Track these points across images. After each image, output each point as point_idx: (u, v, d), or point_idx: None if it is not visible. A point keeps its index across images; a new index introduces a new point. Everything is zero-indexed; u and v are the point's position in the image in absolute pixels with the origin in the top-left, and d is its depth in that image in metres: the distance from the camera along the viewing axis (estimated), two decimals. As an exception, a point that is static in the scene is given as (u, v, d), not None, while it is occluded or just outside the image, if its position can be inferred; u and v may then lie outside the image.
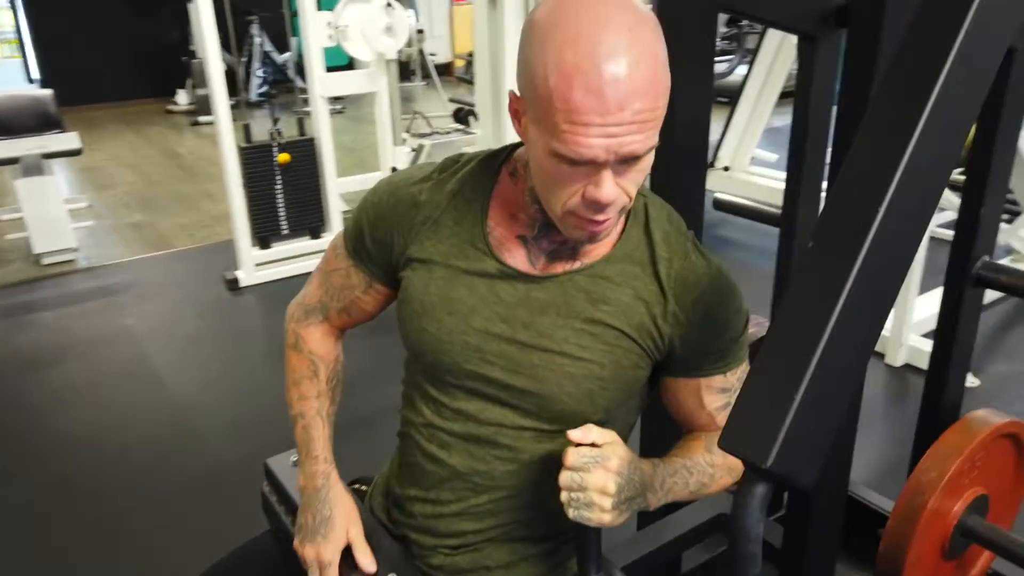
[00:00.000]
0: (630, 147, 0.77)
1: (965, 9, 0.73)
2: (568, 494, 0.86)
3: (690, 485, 0.96)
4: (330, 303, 1.12)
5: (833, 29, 1.51)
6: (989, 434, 1.47)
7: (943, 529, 1.48)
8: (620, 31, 0.75)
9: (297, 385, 1.14)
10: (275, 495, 1.23)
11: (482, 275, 0.96)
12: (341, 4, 3.65)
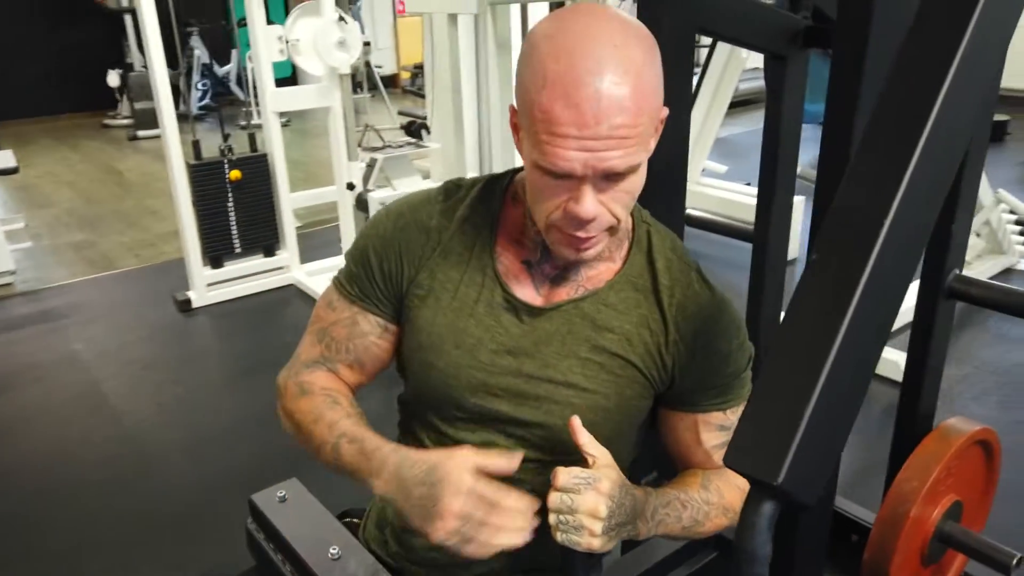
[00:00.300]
0: (608, 163, 0.77)
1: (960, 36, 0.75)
2: (557, 516, 0.82)
3: (683, 520, 0.93)
4: (335, 358, 1.03)
5: (801, 49, 1.55)
6: (964, 442, 1.51)
7: (923, 536, 1.51)
8: (606, 47, 0.75)
9: (319, 421, 0.97)
10: (262, 532, 1.18)
11: (489, 305, 0.95)
12: (291, 18, 3.59)
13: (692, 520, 0.94)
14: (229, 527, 1.49)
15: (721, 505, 0.96)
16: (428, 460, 0.85)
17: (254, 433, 2.62)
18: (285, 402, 1.04)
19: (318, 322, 1.05)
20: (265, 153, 3.63)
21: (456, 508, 0.80)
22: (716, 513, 0.96)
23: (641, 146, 0.80)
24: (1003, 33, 0.76)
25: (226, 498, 2.26)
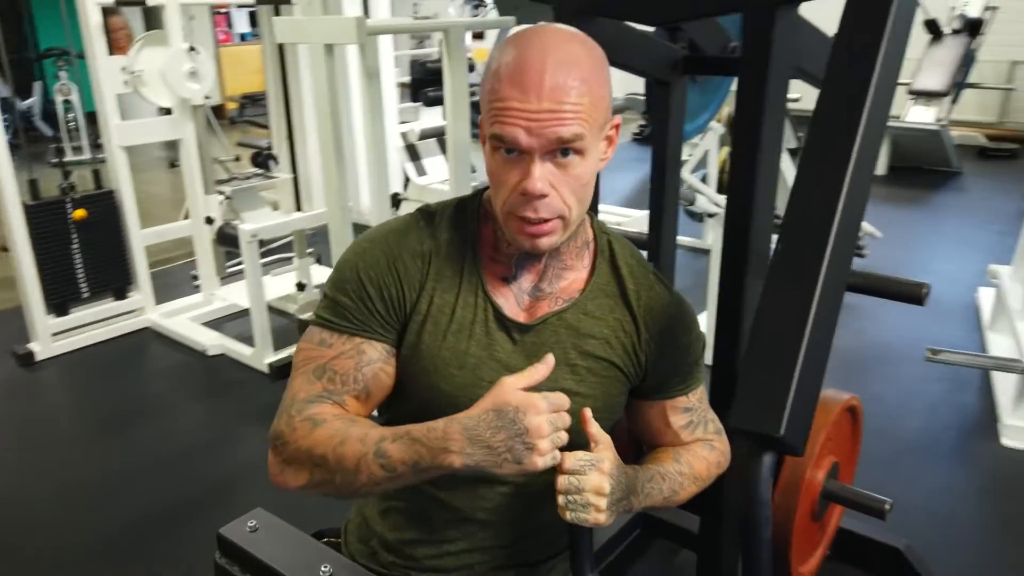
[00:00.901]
0: (549, 131, 0.86)
1: (871, 70, 0.93)
2: (565, 497, 0.89)
3: (664, 491, 1.04)
4: (341, 390, 0.99)
5: (681, 75, 1.74)
6: (839, 409, 1.75)
7: (814, 495, 1.73)
8: (550, 43, 0.88)
9: (346, 442, 0.92)
10: (236, 564, 1.17)
11: (484, 325, 1.00)
12: (135, 49, 3.43)
13: (671, 491, 1.05)
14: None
15: (692, 475, 1.08)
16: (485, 408, 0.85)
17: (126, 490, 2.47)
18: (296, 443, 0.95)
19: (311, 361, 1.01)
20: (112, 189, 3.42)
21: (544, 429, 0.84)
22: (688, 483, 1.08)
23: (585, 128, 0.88)
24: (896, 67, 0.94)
25: (99, 561, 2.14)
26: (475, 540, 1.06)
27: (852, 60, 0.91)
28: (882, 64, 0.90)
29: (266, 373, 3.13)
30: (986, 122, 7.89)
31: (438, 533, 1.06)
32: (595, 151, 0.92)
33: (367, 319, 1.00)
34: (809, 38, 1.43)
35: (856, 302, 3.72)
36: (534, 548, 1.10)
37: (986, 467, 2.49)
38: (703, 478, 1.10)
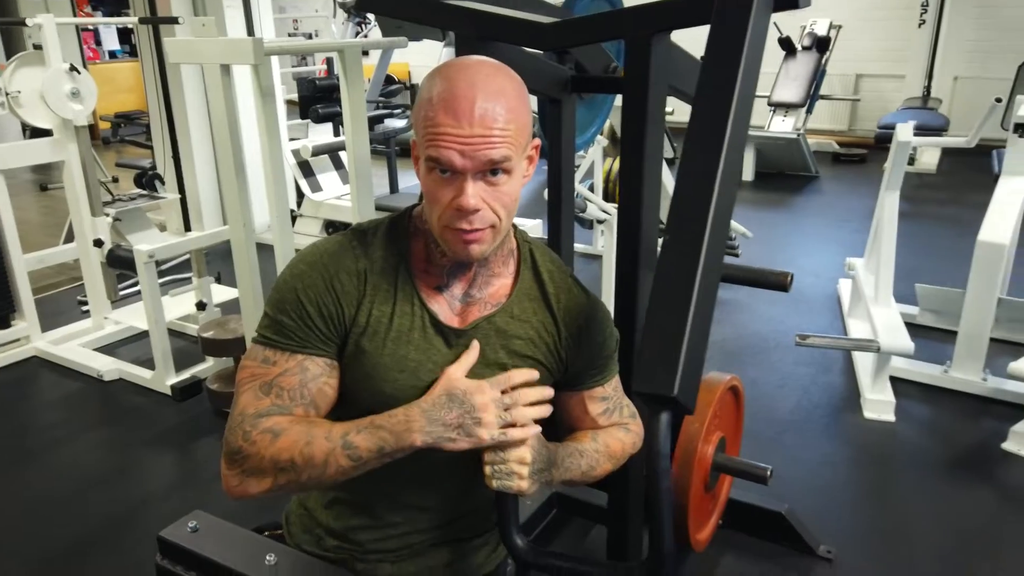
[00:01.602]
0: (480, 154, 0.97)
1: (732, 89, 1.11)
2: (492, 467, 1.02)
3: (582, 466, 1.14)
4: (288, 405, 1.05)
5: (570, 93, 1.90)
6: (722, 389, 1.96)
7: (705, 467, 1.92)
8: (479, 75, 0.99)
9: (312, 442, 1.00)
10: (180, 564, 1.22)
11: (422, 331, 1.09)
12: (10, 70, 3.31)
13: (588, 467, 1.15)
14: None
15: (607, 453, 1.19)
16: (438, 394, 1.02)
17: (26, 528, 2.40)
18: (258, 455, 1.01)
19: (256, 379, 1.06)
20: (-10, 215, 3.28)
21: (490, 407, 1.01)
22: (604, 459, 1.18)
23: (511, 151, 0.98)
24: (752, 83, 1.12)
25: None
26: (415, 523, 1.16)
27: (716, 81, 1.09)
28: (741, 82, 1.08)
29: (168, 395, 3.08)
30: (837, 130, 8.62)
31: (382, 519, 1.15)
32: (520, 169, 1.04)
33: (308, 337, 1.06)
34: (681, 60, 1.62)
35: (733, 297, 4.04)
36: (467, 527, 1.22)
37: (852, 438, 2.79)
38: (618, 456, 1.21)
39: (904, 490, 2.48)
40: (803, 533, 2.18)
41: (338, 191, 5.04)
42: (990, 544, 2.22)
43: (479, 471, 1.05)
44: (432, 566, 1.19)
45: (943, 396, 3.03)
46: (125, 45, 10.47)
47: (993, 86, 5.63)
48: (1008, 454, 2.63)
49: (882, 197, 3.28)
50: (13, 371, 3.38)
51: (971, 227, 2.97)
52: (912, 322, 3.47)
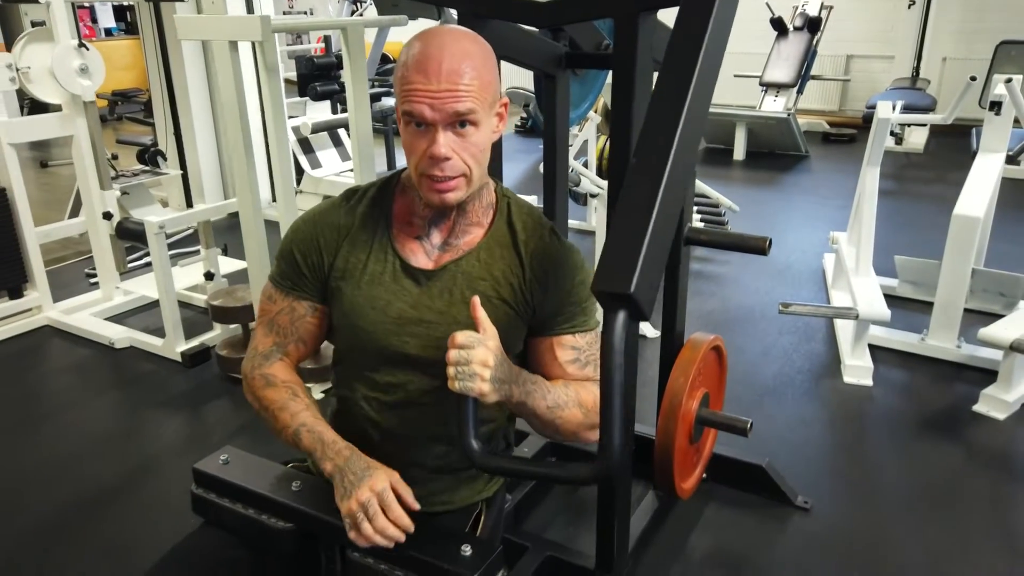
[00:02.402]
0: (447, 107, 1.10)
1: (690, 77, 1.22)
2: (455, 368, 1.08)
3: (546, 399, 1.19)
4: (285, 341, 1.32)
5: (564, 69, 2.02)
6: (706, 348, 2.09)
7: (690, 420, 2.06)
8: (446, 39, 1.14)
9: (284, 410, 1.26)
10: (212, 492, 1.35)
11: (393, 275, 1.25)
12: (19, 46, 3.40)
13: (554, 403, 1.20)
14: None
15: (577, 400, 1.23)
16: (370, 464, 1.18)
17: (50, 482, 2.53)
18: (253, 389, 1.31)
19: (265, 314, 1.33)
20: (3, 188, 3.38)
21: (363, 497, 1.13)
22: (572, 404, 1.22)
23: (476, 104, 1.11)
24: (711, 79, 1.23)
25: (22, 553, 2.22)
26: (410, 453, 1.30)
27: (688, 30, 1.21)
28: (706, 49, 1.19)
29: (178, 362, 3.21)
30: (827, 110, 8.74)
31: (379, 448, 1.27)
32: (487, 124, 1.16)
33: (296, 281, 1.29)
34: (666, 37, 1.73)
35: (721, 271, 4.18)
36: (461, 459, 1.31)
37: (830, 401, 2.93)
38: (589, 408, 1.24)
39: (878, 447, 2.63)
40: (782, 485, 2.33)
41: (337, 168, 5.14)
42: (956, 495, 2.37)
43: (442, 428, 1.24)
44: (432, 491, 1.32)
45: (919, 363, 3.18)
46: (120, 23, 10.48)
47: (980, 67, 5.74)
48: (978, 415, 2.78)
49: (863, 172, 3.41)
50: (26, 339, 3.50)
51: (953, 204, 3.10)
52: (892, 294, 3.62)
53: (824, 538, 2.18)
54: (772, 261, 4.36)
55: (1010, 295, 3.39)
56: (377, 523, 1.12)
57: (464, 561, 1.13)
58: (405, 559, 1.16)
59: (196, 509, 1.38)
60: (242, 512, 1.31)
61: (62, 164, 7.07)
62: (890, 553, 2.12)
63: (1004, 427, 2.72)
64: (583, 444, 1.35)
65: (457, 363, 1.09)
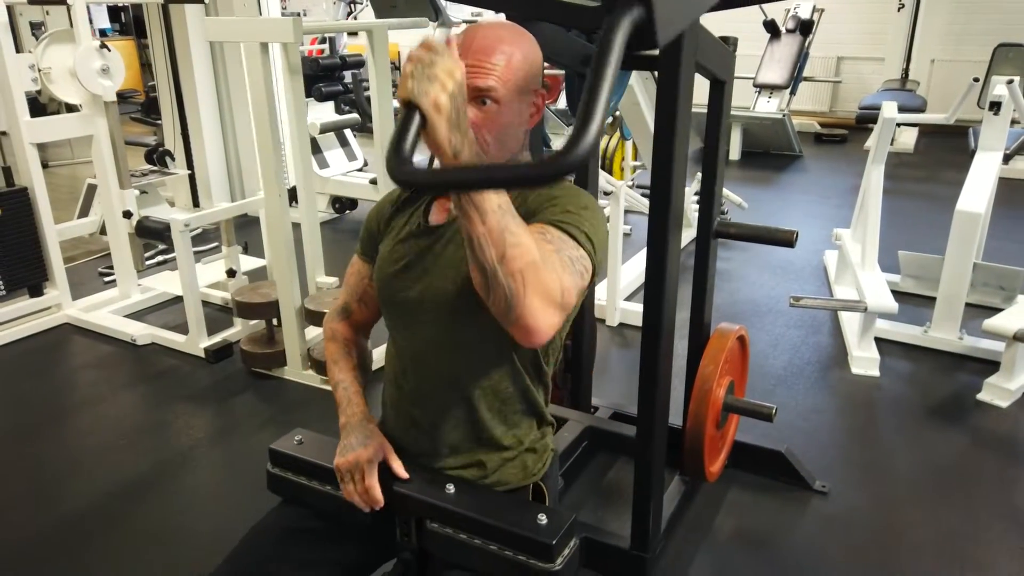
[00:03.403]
0: (471, 80, 1.16)
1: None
2: (414, 67, 0.92)
3: (495, 208, 0.96)
4: (351, 300, 1.48)
5: (597, 69, 2.10)
6: (732, 337, 2.18)
7: (717, 407, 2.15)
8: (491, 27, 1.23)
9: (336, 364, 1.45)
10: (288, 470, 1.42)
11: (412, 231, 1.33)
12: (41, 47, 3.44)
13: (506, 223, 0.97)
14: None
15: (530, 244, 1.00)
16: (372, 431, 1.33)
17: (79, 474, 2.58)
18: (325, 339, 1.51)
19: (347, 276, 1.49)
20: (25, 187, 3.42)
21: (351, 460, 1.29)
22: (525, 240, 0.99)
23: (498, 84, 1.16)
24: None
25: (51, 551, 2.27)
26: (436, 440, 1.35)
27: None
28: None
29: (201, 357, 3.26)
30: (819, 111, 8.89)
31: (409, 433, 1.37)
32: (513, 107, 1.21)
33: (366, 248, 1.44)
34: (706, 40, 1.83)
35: (727, 267, 4.28)
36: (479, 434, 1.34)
37: (840, 391, 3.04)
38: (538, 262, 1.01)
39: (889, 434, 2.74)
40: (800, 470, 2.42)
41: (344, 168, 5.20)
42: (965, 478, 2.47)
43: (481, 403, 1.30)
44: (471, 462, 1.36)
45: (923, 354, 3.29)
46: (115, 23, 10.46)
47: (968, 68, 5.89)
48: (982, 403, 2.90)
49: (868, 170, 3.52)
50: (47, 336, 3.54)
51: (946, 202, 3.22)
52: (895, 289, 3.73)
53: (843, 520, 2.28)
54: (774, 257, 4.47)
55: (1009, 288, 3.51)
56: (348, 488, 1.29)
57: (542, 529, 1.21)
58: (483, 527, 1.24)
59: (272, 487, 1.45)
60: (319, 488, 1.38)
61: (63, 164, 7.07)
62: (906, 533, 2.22)
63: (1008, 414, 2.83)
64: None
65: (420, 62, 0.92)
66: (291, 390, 3.05)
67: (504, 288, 0.98)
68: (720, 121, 2.03)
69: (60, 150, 7.26)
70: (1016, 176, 6.12)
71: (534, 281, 0.99)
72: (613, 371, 3.22)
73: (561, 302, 1.05)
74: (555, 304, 1.03)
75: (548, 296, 1.02)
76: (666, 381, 1.84)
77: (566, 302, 1.06)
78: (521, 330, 1.03)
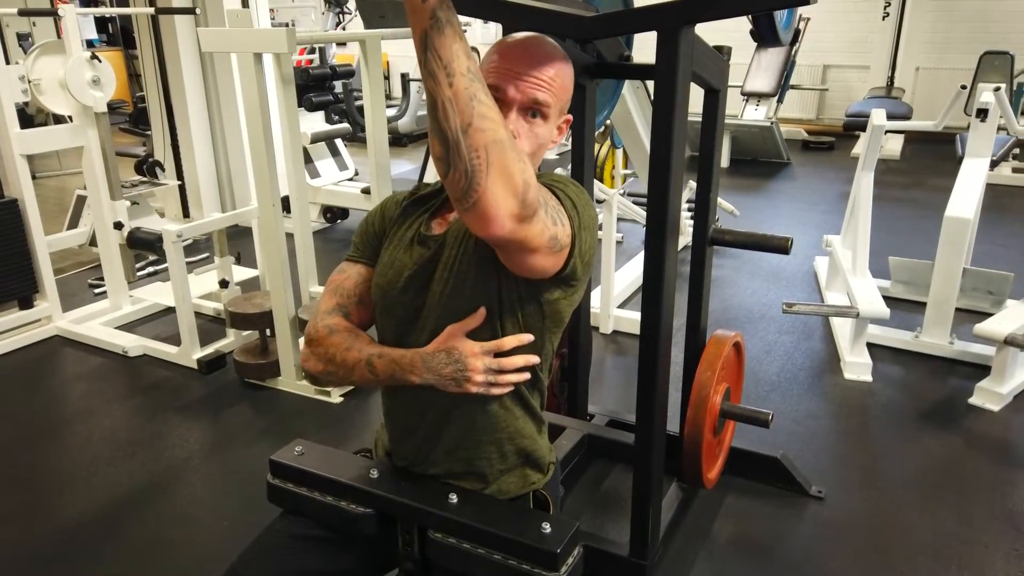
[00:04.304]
0: (531, 91, 1.17)
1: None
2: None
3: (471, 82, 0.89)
4: (347, 303, 1.36)
5: (591, 78, 2.12)
6: (728, 344, 2.19)
7: (714, 414, 2.16)
8: (531, 40, 1.23)
9: (351, 349, 1.28)
10: (288, 482, 1.41)
11: (411, 239, 1.31)
12: (31, 58, 3.43)
13: (482, 101, 0.90)
14: None
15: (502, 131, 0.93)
16: (439, 349, 1.21)
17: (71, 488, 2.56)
18: (318, 342, 1.31)
19: (332, 283, 1.39)
20: (14, 199, 3.40)
21: (479, 367, 1.20)
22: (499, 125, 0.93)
23: (552, 100, 1.18)
24: None
25: None
26: (434, 449, 1.34)
27: None
28: None
29: (193, 368, 3.25)
30: (806, 119, 8.96)
31: (405, 444, 1.36)
32: (551, 124, 1.24)
33: (364, 250, 1.38)
34: (702, 50, 1.84)
35: (718, 274, 4.30)
36: (485, 463, 1.35)
37: (834, 396, 3.05)
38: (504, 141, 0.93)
39: (883, 438, 2.75)
40: (796, 476, 2.43)
41: (335, 177, 5.20)
42: (959, 481, 2.49)
43: (478, 410, 1.28)
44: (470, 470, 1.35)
45: (915, 359, 3.32)
46: (102, 34, 10.43)
47: (952, 76, 5.97)
48: (974, 407, 2.92)
49: (858, 177, 3.55)
50: (37, 349, 3.51)
51: (932, 208, 3.26)
52: (886, 294, 3.75)
53: (840, 524, 2.29)
54: (765, 264, 4.49)
55: (998, 293, 3.55)
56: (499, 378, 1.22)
57: (546, 538, 1.21)
58: (487, 536, 1.24)
59: (272, 498, 1.44)
60: (321, 499, 1.38)
61: (49, 176, 7.03)
62: (902, 536, 2.23)
63: (999, 417, 2.86)
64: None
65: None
66: (285, 401, 3.03)
67: (465, 164, 0.91)
68: (715, 129, 2.05)
69: (48, 161, 7.22)
70: (1003, 182, 6.19)
71: (498, 162, 0.92)
72: (608, 378, 3.23)
73: (523, 196, 0.97)
74: (516, 194, 0.96)
75: (510, 182, 0.94)
76: (664, 388, 1.85)
77: (529, 199, 0.99)
78: (477, 216, 0.95)
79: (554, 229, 1.10)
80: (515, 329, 1.25)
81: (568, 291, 1.25)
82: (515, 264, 1.15)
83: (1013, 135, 3.64)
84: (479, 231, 0.99)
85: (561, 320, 1.30)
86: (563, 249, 1.15)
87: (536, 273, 1.18)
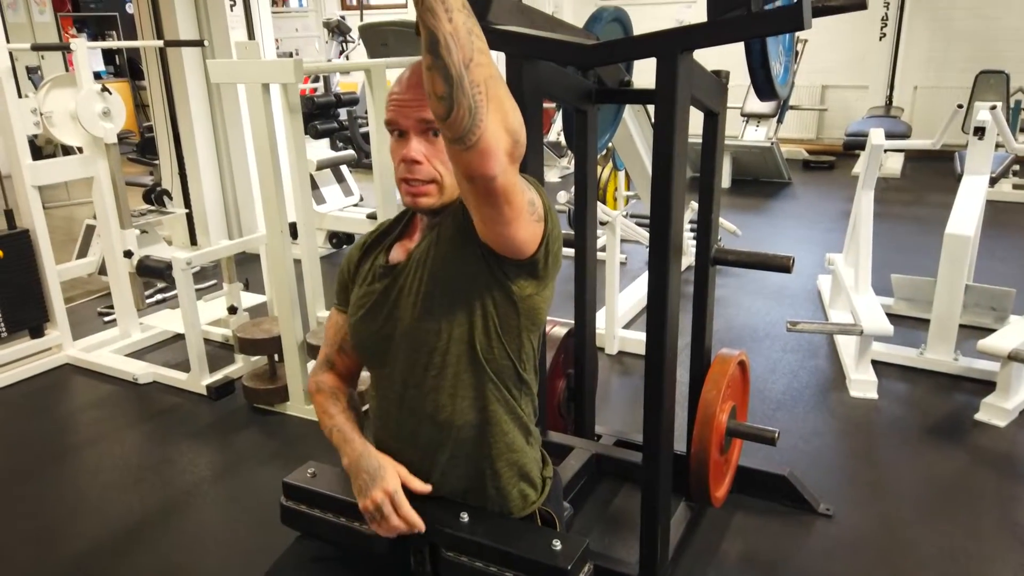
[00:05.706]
0: (415, 112, 1.14)
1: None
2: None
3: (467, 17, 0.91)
4: (331, 352, 1.47)
5: (593, 104, 2.16)
6: (734, 363, 2.22)
7: (720, 432, 2.17)
8: (410, 68, 1.21)
9: (326, 413, 1.42)
10: (302, 503, 1.43)
11: (376, 277, 1.34)
12: (43, 91, 3.49)
13: (478, 36, 0.92)
14: None
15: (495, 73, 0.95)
16: (379, 460, 1.29)
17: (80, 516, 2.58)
18: (311, 393, 1.49)
19: (325, 332, 1.50)
20: (26, 229, 3.45)
21: (378, 497, 1.25)
22: (492, 60, 0.95)
23: None
24: None
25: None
26: (422, 477, 1.34)
27: None
28: None
29: (203, 395, 3.27)
30: (806, 139, 9.02)
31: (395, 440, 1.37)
32: None
33: (340, 297, 1.45)
34: (700, 74, 1.89)
35: (722, 294, 4.32)
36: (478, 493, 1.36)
37: (840, 414, 3.06)
38: (498, 76, 0.96)
39: (890, 455, 2.76)
40: (804, 493, 2.44)
41: (341, 203, 5.25)
42: (966, 497, 2.50)
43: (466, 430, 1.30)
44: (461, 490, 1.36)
45: (919, 376, 3.33)
46: (109, 66, 10.57)
47: (949, 95, 6.02)
48: (980, 423, 2.93)
49: (859, 196, 3.58)
50: (48, 377, 3.54)
51: (933, 225, 3.29)
52: (889, 312, 3.77)
53: (848, 541, 2.29)
54: (769, 283, 4.52)
55: (1001, 308, 3.57)
56: (391, 523, 1.25)
57: (556, 555, 1.23)
58: (499, 555, 1.26)
59: (285, 520, 1.46)
60: (335, 521, 1.40)
61: (59, 206, 7.11)
62: (911, 552, 2.24)
63: (1005, 433, 2.86)
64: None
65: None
66: (294, 425, 3.05)
67: (469, 99, 0.92)
68: (715, 151, 2.09)
69: (56, 192, 7.30)
70: (1002, 198, 6.23)
71: (496, 97, 0.95)
72: (614, 399, 3.25)
73: (515, 132, 0.99)
74: (510, 130, 0.98)
75: (506, 117, 0.97)
76: (670, 407, 1.87)
77: (520, 137, 1.01)
78: (478, 153, 0.96)
79: (530, 194, 1.15)
80: (492, 333, 1.25)
81: (539, 285, 1.25)
82: (496, 232, 1.14)
83: (1011, 152, 3.67)
84: (476, 169, 0.98)
85: (537, 317, 1.29)
86: (540, 221, 1.18)
87: (516, 244, 1.16)
